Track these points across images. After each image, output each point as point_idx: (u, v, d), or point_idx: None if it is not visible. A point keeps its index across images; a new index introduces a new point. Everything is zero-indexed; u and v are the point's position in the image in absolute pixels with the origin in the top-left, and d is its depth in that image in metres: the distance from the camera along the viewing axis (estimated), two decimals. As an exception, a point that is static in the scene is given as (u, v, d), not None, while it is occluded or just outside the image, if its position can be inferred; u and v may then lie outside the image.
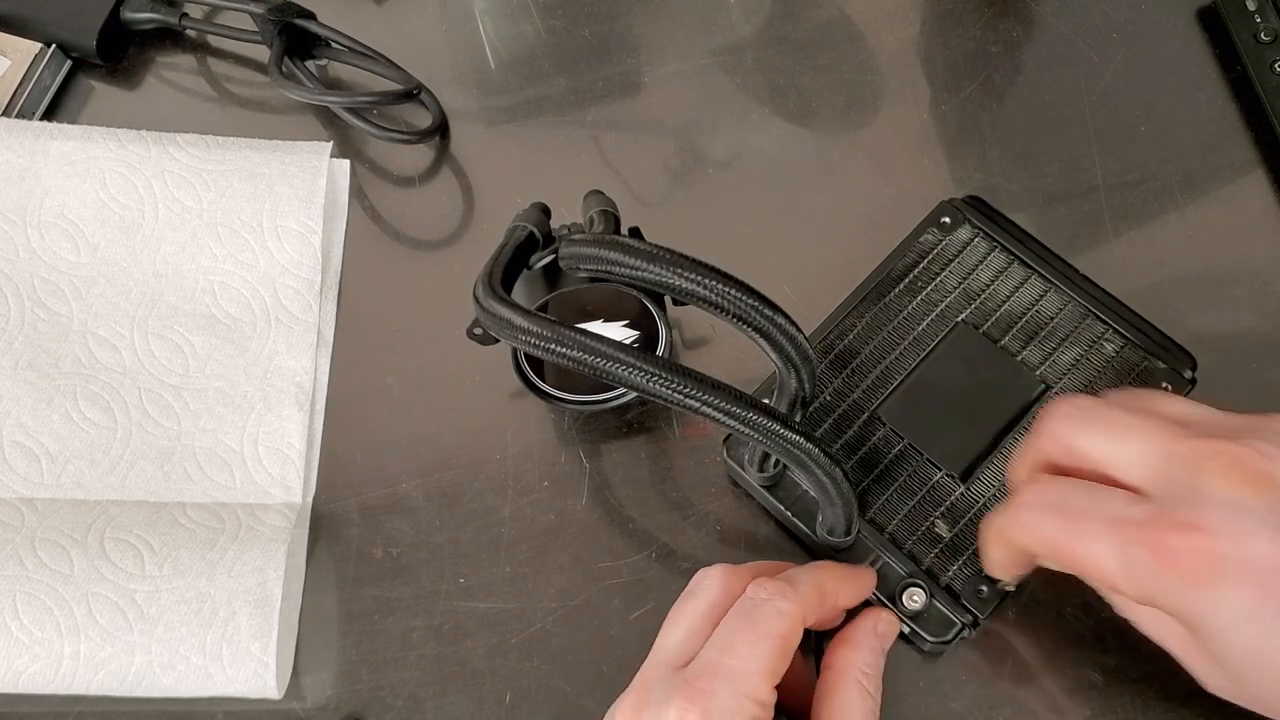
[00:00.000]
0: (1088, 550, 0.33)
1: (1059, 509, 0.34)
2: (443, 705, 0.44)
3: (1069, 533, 0.33)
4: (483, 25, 0.56)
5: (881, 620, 0.40)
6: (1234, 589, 0.31)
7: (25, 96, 0.53)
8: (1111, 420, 0.35)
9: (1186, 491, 0.32)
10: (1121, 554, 0.32)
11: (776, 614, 0.36)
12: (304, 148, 0.52)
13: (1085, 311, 0.45)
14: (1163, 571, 0.31)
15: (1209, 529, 0.31)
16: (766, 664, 0.35)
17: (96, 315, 0.49)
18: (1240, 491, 0.31)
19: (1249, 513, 0.31)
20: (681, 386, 0.32)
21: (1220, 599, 0.31)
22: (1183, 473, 0.32)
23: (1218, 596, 0.31)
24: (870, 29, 0.55)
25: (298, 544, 0.46)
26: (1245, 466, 0.31)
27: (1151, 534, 0.31)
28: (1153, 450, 0.33)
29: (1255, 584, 0.30)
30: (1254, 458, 0.32)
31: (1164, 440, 0.33)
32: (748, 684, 0.34)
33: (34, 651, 0.42)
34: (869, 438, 0.44)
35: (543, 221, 0.43)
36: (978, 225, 0.47)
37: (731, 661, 0.35)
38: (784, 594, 0.36)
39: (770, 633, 0.35)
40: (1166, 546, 0.31)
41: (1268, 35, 0.51)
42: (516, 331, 0.34)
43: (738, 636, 0.36)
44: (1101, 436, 0.34)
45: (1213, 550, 0.31)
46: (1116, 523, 0.32)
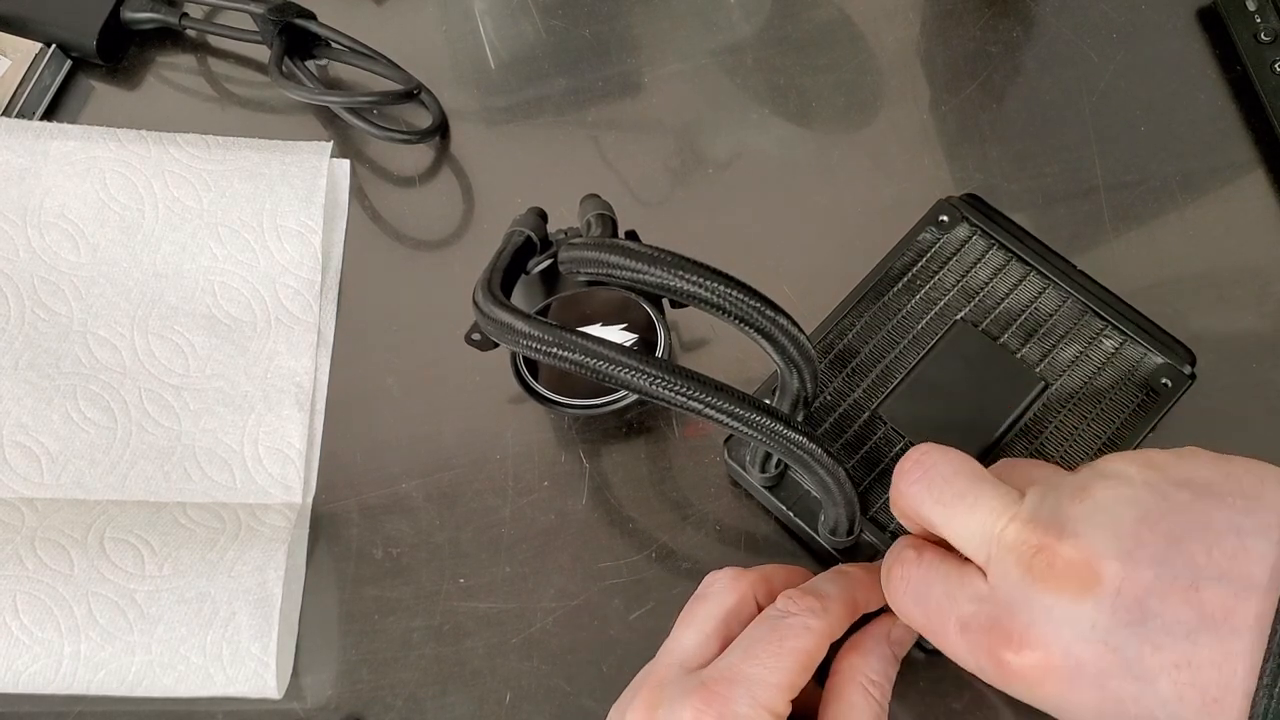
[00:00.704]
0: (947, 649, 0.35)
1: (920, 602, 0.35)
2: (443, 705, 0.44)
3: (930, 628, 0.35)
4: (483, 25, 0.56)
5: (897, 627, 0.39)
6: (1072, 692, 0.31)
7: (25, 96, 0.53)
8: (955, 493, 0.34)
9: (1018, 592, 0.32)
10: (974, 659, 0.33)
11: (804, 629, 0.36)
12: (304, 148, 0.52)
13: (1084, 308, 0.45)
14: (1007, 681, 0.33)
15: (1038, 642, 0.31)
16: (787, 678, 0.35)
17: (96, 315, 0.49)
18: (1063, 596, 0.31)
19: (1074, 619, 0.31)
20: (685, 389, 0.32)
21: (1064, 702, 0.32)
22: (1012, 565, 0.32)
23: (1060, 700, 0.32)
24: (870, 29, 0.55)
25: (298, 544, 0.46)
26: (1067, 566, 0.31)
27: (990, 645, 0.32)
28: (986, 532, 0.33)
29: (1091, 686, 0.31)
30: (1074, 552, 0.31)
31: (995, 522, 0.33)
32: (767, 695, 0.34)
33: (34, 651, 0.42)
34: (870, 437, 0.44)
35: (540, 226, 0.43)
36: (975, 223, 0.47)
37: (753, 670, 0.35)
38: (814, 611, 0.36)
39: (796, 648, 0.35)
40: (1003, 660, 0.32)
41: (1268, 35, 0.51)
42: (518, 336, 0.34)
43: (762, 647, 0.35)
44: (945, 510, 0.35)
45: (1044, 663, 0.31)
46: (965, 625, 0.33)
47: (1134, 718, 0.31)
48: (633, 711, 0.35)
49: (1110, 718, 0.31)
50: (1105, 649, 0.30)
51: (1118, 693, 0.30)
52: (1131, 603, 0.30)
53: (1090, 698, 0.31)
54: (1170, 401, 0.44)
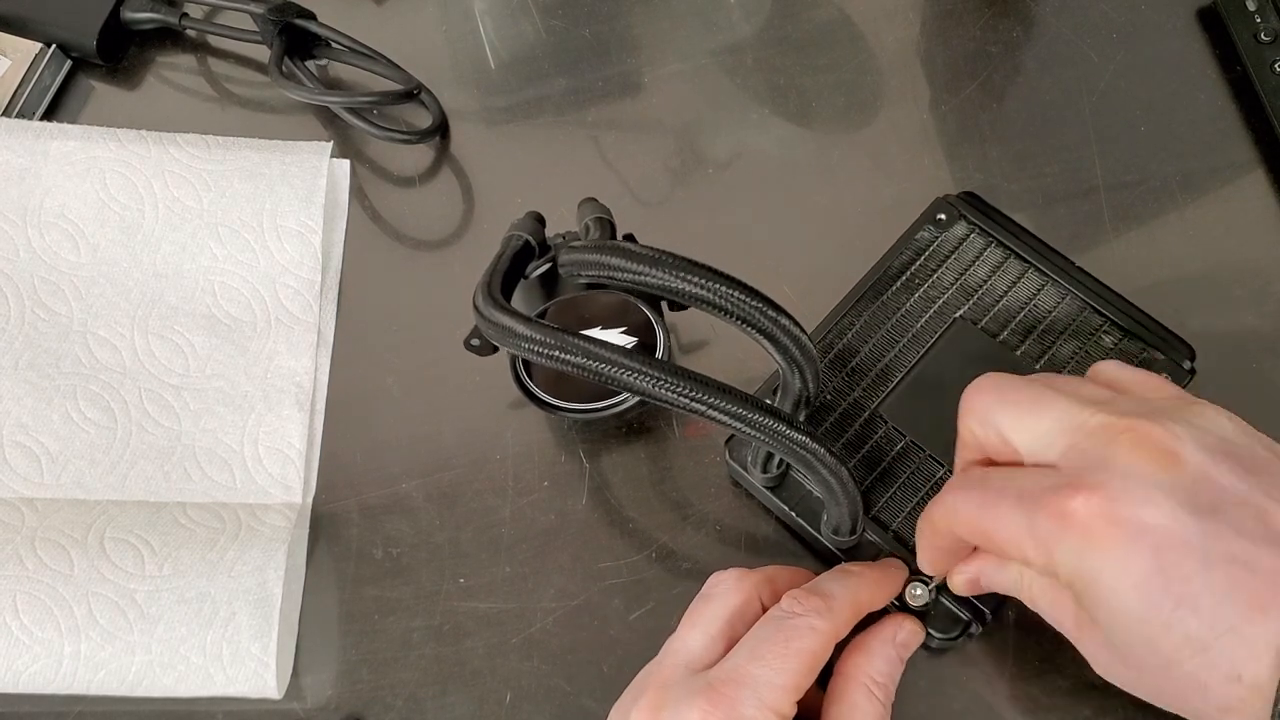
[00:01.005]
0: (1000, 523, 0.33)
1: (976, 487, 0.35)
2: (443, 705, 0.44)
3: (985, 508, 0.34)
4: (483, 25, 0.56)
5: (903, 629, 0.39)
6: (1127, 555, 0.31)
7: (25, 96, 0.53)
8: (1029, 395, 0.35)
9: (1092, 461, 0.32)
10: (1027, 521, 0.32)
11: (810, 630, 0.36)
12: (304, 148, 0.52)
13: (1083, 304, 0.45)
14: (1063, 534, 0.31)
15: (1108, 493, 0.31)
16: (793, 679, 0.35)
17: (96, 315, 0.49)
18: (1145, 465, 0.31)
19: (1150, 483, 0.31)
20: (688, 390, 0.32)
21: (1113, 563, 0.31)
22: (1091, 445, 0.32)
23: (1111, 560, 0.31)
24: (870, 29, 0.55)
25: (298, 544, 0.46)
26: (1152, 442, 0.32)
27: (1054, 499, 0.32)
28: (1064, 425, 0.33)
29: (1148, 553, 0.30)
30: (1162, 435, 0.32)
31: (1076, 415, 0.33)
32: (773, 696, 0.34)
33: (34, 651, 0.42)
34: (871, 436, 0.44)
35: (538, 230, 0.43)
36: (973, 221, 0.47)
37: (759, 672, 0.35)
38: (819, 612, 0.36)
39: (802, 649, 0.35)
40: (1067, 509, 0.31)
41: (1268, 35, 0.52)
42: (519, 339, 0.34)
43: (767, 648, 0.35)
44: (1017, 410, 0.35)
45: (1110, 514, 0.31)
46: (1024, 493, 0.33)
47: (1176, 598, 0.30)
48: (637, 711, 0.35)
49: (1149, 595, 0.30)
50: (1173, 521, 0.30)
51: (1170, 567, 0.30)
52: (1207, 495, 0.31)
53: (1140, 564, 0.30)
54: (1170, 400, 0.44)
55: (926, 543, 0.38)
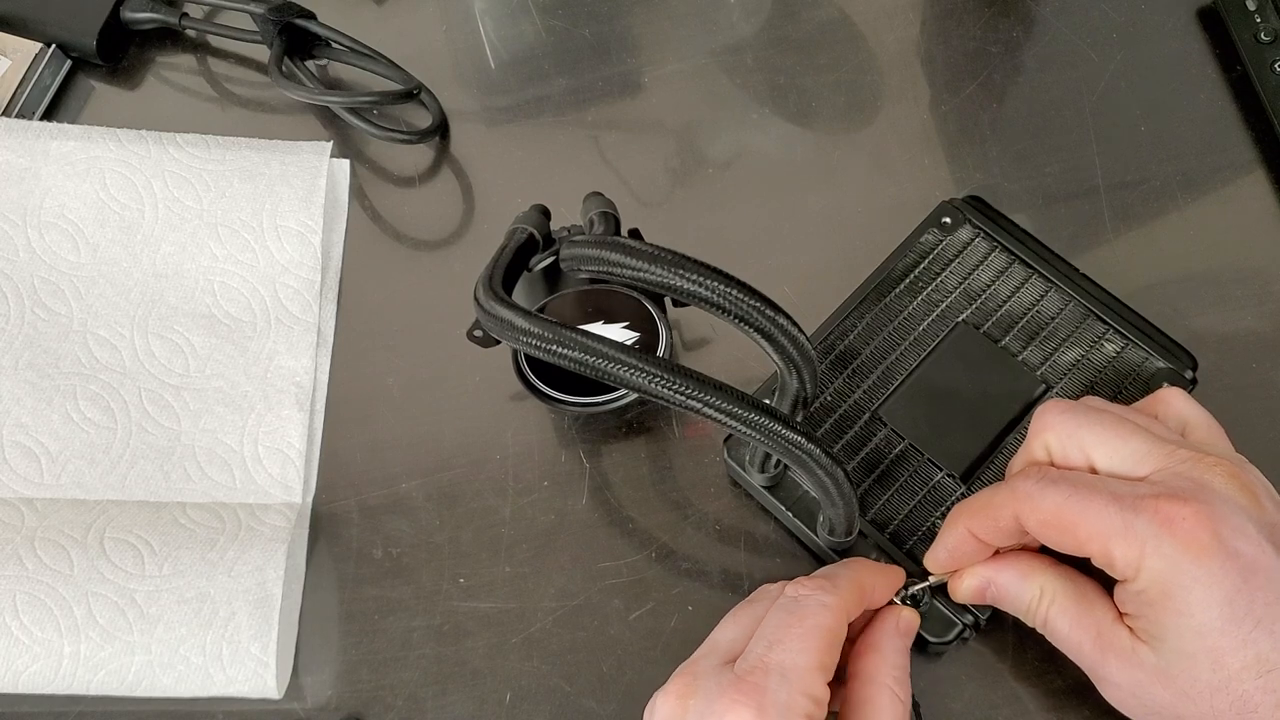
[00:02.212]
0: (1091, 514, 0.34)
1: (1063, 480, 0.36)
2: (443, 705, 0.44)
3: (1075, 499, 0.35)
4: (483, 25, 0.56)
5: (902, 618, 0.39)
6: (1223, 570, 0.33)
7: (25, 96, 0.53)
8: (1113, 420, 0.37)
9: (1192, 481, 0.34)
10: (1123, 518, 0.34)
11: (820, 607, 0.36)
12: (304, 148, 0.52)
13: (1086, 312, 0.45)
14: (1164, 537, 0.33)
15: (1212, 511, 0.33)
16: (816, 658, 0.35)
17: (96, 315, 0.49)
18: (1239, 496, 0.34)
19: (1247, 515, 0.34)
20: (684, 387, 0.32)
21: (1209, 573, 0.33)
22: (1186, 468, 0.35)
23: (1208, 571, 0.33)
24: (870, 29, 0.55)
25: (298, 544, 0.46)
26: (1244, 480, 0.35)
27: (1158, 503, 0.34)
28: (1155, 448, 0.35)
29: (1239, 573, 0.33)
30: (1247, 478, 0.35)
31: (1165, 443, 0.36)
32: (802, 680, 0.34)
33: (34, 651, 0.42)
34: (870, 438, 0.44)
35: (542, 224, 0.43)
36: (978, 225, 0.47)
37: (782, 657, 0.35)
38: (825, 589, 0.37)
39: (816, 626, 0.35)
40: (1171, 515, 0.33)
41: (1268, 35, 0.51)
42: (518, 333, 0.34)
43: (784, 632, 0.35)
44: (1104, 431, 0.36)
45: (1213, 529, 0.33)
46: (1119, 496, 0.34)
47: (1256, 619, 0.32)
48: (664, 696, 0.35)
49: (1235, 611, 0.33)
50: (1260, 552, 0.33)
51: (1256, 589, 0.33)
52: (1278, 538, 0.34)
53: (1232, 579, 0.33)
54: (1171, 404, 0.44)
55: (960, 526, 0.38)
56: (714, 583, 0.45)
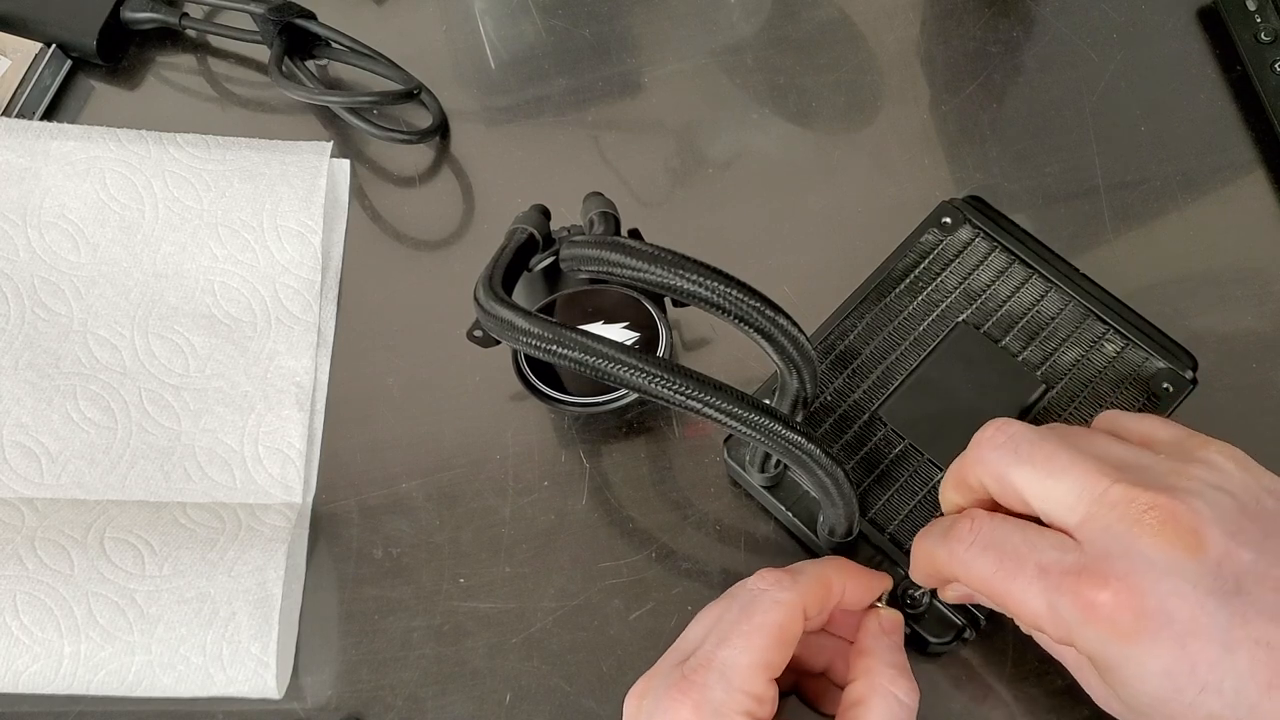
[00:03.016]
0: (1017, 593, 0.33)
1: (991, 548, 0.34)
2: (443, 705, 0.44)
3: (1001, 574, 0.34)
4: (483, 25, 0.56)
5: (882, 618, 0.39)
6: (1154, 645, 0.31)
7: (25, 96, 0.53)
8: (1045, 455, 0.34)
9: (1118, 543, 0.32)
10: (1047, 600, 0.33)
11: (773, 603, 0.36)
12: (304, 148, 0.52)
13: (1086, 312, 0.45)
14: (1087, 622, 0.32)
15: (1135, 586, 0.31)
16: (761, 656, 0.35)
17: (96, 315, 0.49)
18: (1171, 551, 0.31)
19: (1177, 572, 0.31)
20: (683, 387, 0.32)
21: (1138, 654, 0.31)
22: (1115, 521, 0.32)
23: (1136, 652, 0.31)
24: (870, 29, 0.55)
25: (298, 544, 0.46)
26: (1178, 524, 0.32)
27: (1078, 585, 0.32)
28: (1086, 490, 0.33)
29: (1173, 642, 0.31)
30: (1187, 515, 0.32)
31: (1095, 483, 0.33)
32: (740, 677, 0.34)
33: (34, 651, 0.42)
34: (870, 438, 0.44)
35: (542, 223, 0.43)
36: (978, 225, 0.47)
37: (725, 654, 0.35)
38: (782, 584, 0.36)
39: (765, 623, 0.35)
40: (1092, 600, 0.31)
41: (1268, 35, 0.51)
42: (518, 333, 0.34)
43: (732, 628, 0.36)
44: (1034, 471, 0.34)
45: (1138, 607, 0.31)
46: (1046, 569, 0.33)
47: (1200, 684, 0.31)
48: (628, 698, 0.36)
49: (1175, 682, 0.31)
50: (1199, 609, 0.31)
51: (1196, 655, 0.31)
52: (1229, 575, 0.31)
53: (1166, 655, 0.31)
54: (1172, 406, 0.44)
55: (921, 568, 0.38)
56: (714, 583, 0.45)
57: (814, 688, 0.41)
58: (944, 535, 0.36)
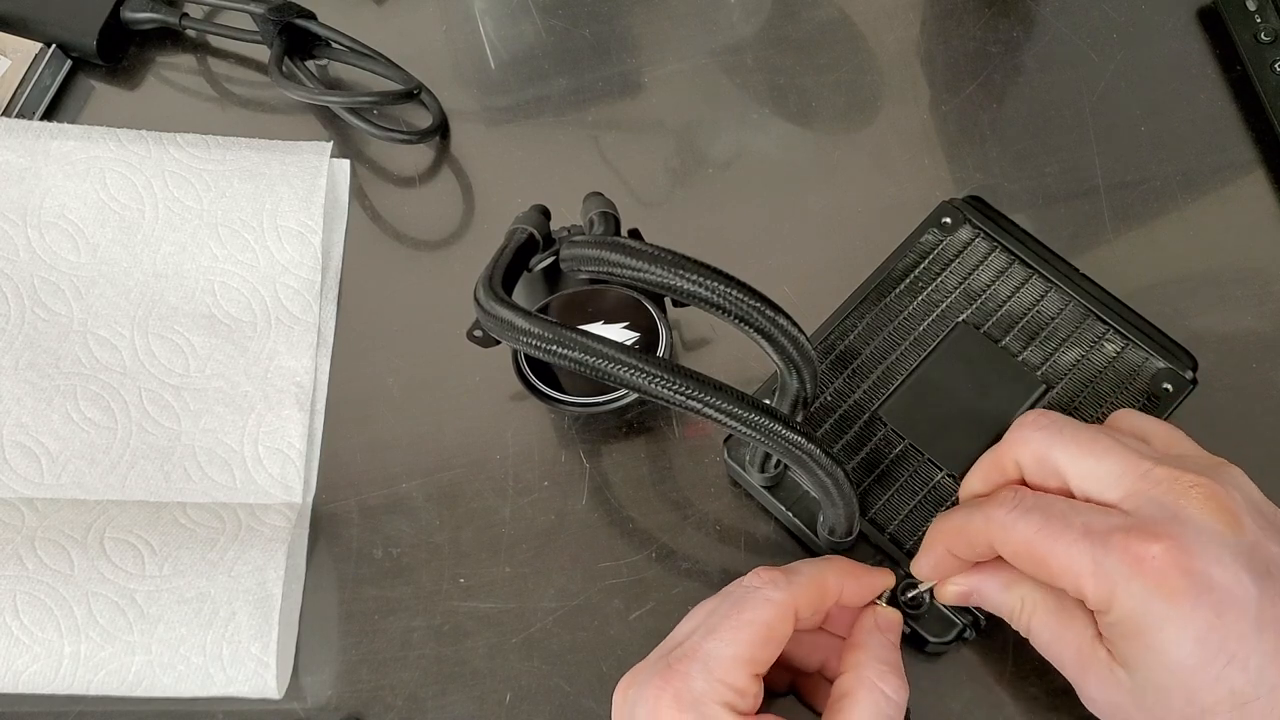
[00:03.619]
0: (1061, 550, 0.34)
1: (1036, 510, 0.35)
2: (443, 705, 0.44)
3: (1045, 533, 0.34)
4: (483, 25, 0.56)
5: (879, 615, 0.39)
6: (1195, 607, 0.32)
7: (25, 96, 0.53)
8: (1089, 437, 0.36)
9: (1165, 510, 0.33)
10: (1093, 557, 0.33)
11: (763, 601, 0.36)
12: (304, 148, 0.52)
13: (1086, 312, 0.45)
14: (1132, 576, 0.32)
15: (1183, 545, 0.32)
16: (745, 650, 0.35)
17: (96, 315, 0.49)
18: (1215, 523, 0.33)
19: (1222, 542, 0.33)
20: (683, 387, 0.32)
21: (1181, 612, 0.32)
22: (1161, 493, 0.34)
23: (1179, 609, 0.32)
24: (870, 29, 0.55)
25: (298, 544, 0.46)
26: (1219, 501, 0.33)
27: (1128, 540, 0.33)
28: (1130, 469, 0.34)
29: (1212, 609, 0.32)
30: (1228, 497, 0.34)
31: (1141, 461, 0.35)
32: (723, 669, 0.35)
33: (34, 651, 0.42)
34: (870, 438, 0.44)
35: (542, 224, 0.43)
36: (978, 226, 0.47)
37: (710, 645, 0.35)
38: (775, 583, 0.37)
39: (753, 620, 0.36)
40: (1141, 554, 0.32)
41: (1268, 35, 0.51)
42: (518, 333, 0.34)
43: (720, 621, 0.36)
44: (1079, 450, 0.36)
45: (1185, 566, 0.32)
46: (1091, 529, 0.34)
47: (1229, 656, 0.32)
48: (617, 689, 0.37)
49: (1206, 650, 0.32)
50: (1236, 582, 0.32)
51: (1230, 625, 0.32)
52: (1262, 558, 0.33)
53: (1203, 621, 0.32)
54: (1172, 406, 0.44)
55: (939, 546, 0.38)
56: (714, 583, 0.45)
57: (809, 685, 0.41)
58: (979, 506, 0.37)
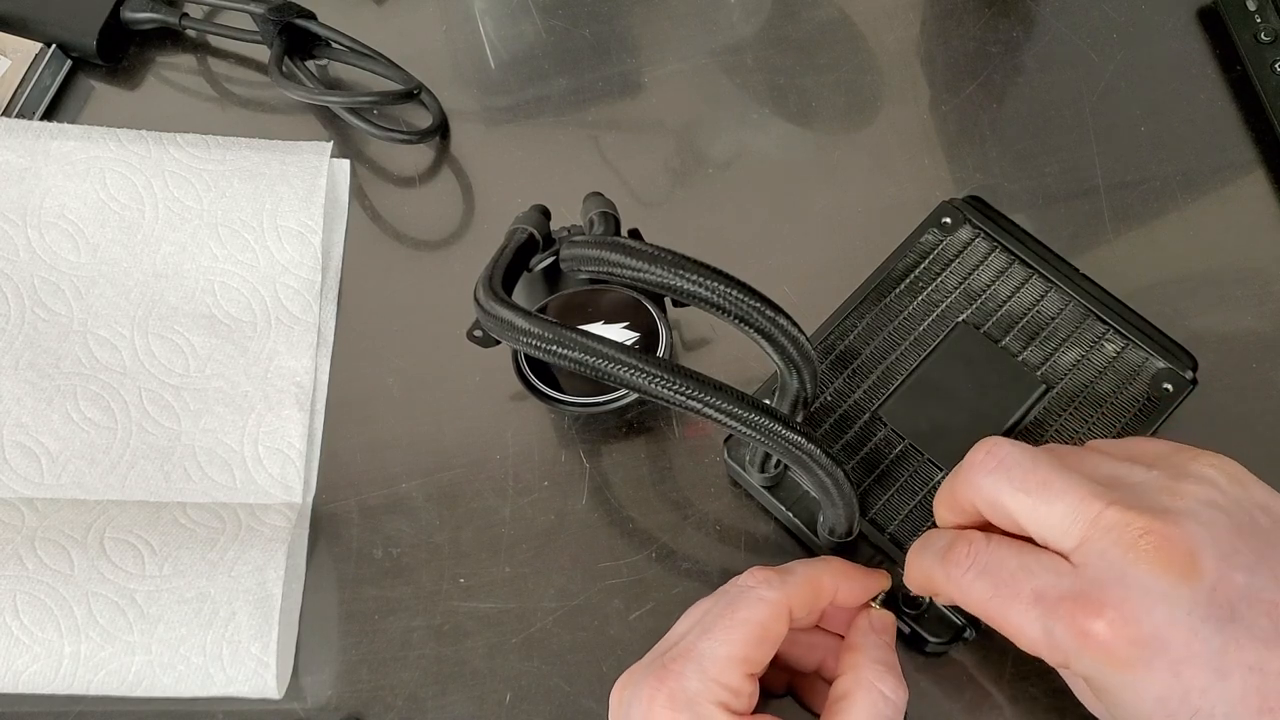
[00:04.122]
0: (1014, 619, 0.33)
1: (988, 574, 0.34)
2: (443, 705, 0.44)
3: (997, 600, 0.34)
4: (483, 25, 0.56)
5: (873, 617, 0.39)
6: (1149, 673, 0.31)
7: (25, 96, 0.53)
8: (1039, 481, 0.34)
9: (1113, 570, 0.32)
10: (1043, 625, 0.33)
11: (757, 600, 0.36)
12: (304, 148, 0.52)
13: (1086, 312, 0.45)
14: (1083, 650, 0.32)
15: (1130, 614, 0.31)
16: (739, 650, 0.35)
17: (96, 315, 0.49)
18: (1165, 577, 0.31)
19: (1172, 599, 0.31)
20: (683, 387, 0.32)
21: (1132, 680, 0.32)
22: (1110, 545, 0.32)
23: (1131, 679, 0.32)
24: (870, 29, 0.55)
25: (298, 544, 0.46)
26: (1173, 550, 0.32)
27: (1073, 612, 0.32)
28: (1081, 514, 0.33)
29: (1167, 670, 0.31)
30: (1181, 539, 0.32)
31: (1089, 506, 0.33)
32: (717, 668, 0.35)
33: (34, 651, 0.42)
34: (870, 438, 0.44)
35: (543, 224, 0.43)
36: (978, 225, 0.47)
37: (704, 645, 0.35)
38: (769, 582, 0.37)
39: (747, 619, 0.36)
40: (1086, 629, 0.32)
41: (1268, 35, 0.51)
42: (518, 333, 0.34)
43: (714, 620, 0.36)
44: (1027, 498, 0.34)
45: (1133, 636, 0.31)
46: (1041, 595, 0.33)
47: (1193, 710, 0.31)
48: (613, 690, 0.37)
49: (1168, 707, 0.31)
50: (1193, 636, 0.31)
51: (1189, 681, 0.31)
52: (1223, 600, 0.31)
53: (1160, 681, 0.31)
54: (1171, 406, 0.44)
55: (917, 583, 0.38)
56: (714, 582, 0.45)
57: (807, 687, 0.41)
58: (941, 558, 0.36)
